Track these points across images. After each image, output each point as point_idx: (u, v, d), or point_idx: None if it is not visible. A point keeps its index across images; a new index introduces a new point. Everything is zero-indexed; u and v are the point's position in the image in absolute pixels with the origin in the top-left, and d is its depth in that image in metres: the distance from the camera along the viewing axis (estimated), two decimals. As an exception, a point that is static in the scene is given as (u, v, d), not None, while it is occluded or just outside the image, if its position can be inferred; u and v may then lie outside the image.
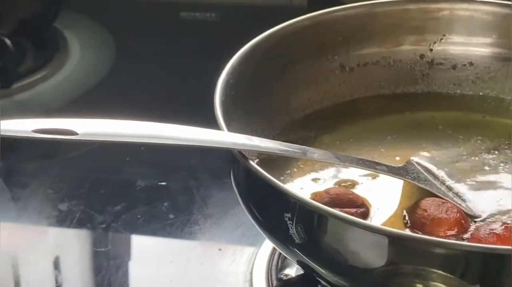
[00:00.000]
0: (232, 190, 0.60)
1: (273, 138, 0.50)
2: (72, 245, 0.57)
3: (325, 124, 0.54)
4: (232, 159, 0.44)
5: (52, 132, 0.39)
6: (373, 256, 0.39)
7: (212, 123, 0.44)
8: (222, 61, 0.50)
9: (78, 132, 0.39)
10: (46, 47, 0.81)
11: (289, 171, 0.49)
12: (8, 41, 0.72)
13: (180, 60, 0.79)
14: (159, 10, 0.90)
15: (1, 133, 0.38)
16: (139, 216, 0.58)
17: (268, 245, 0.54)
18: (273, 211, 0.42)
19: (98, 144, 0.64)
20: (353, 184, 0.48)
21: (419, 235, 0.42)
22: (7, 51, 0.73)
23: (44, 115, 0.68)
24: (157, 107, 0.66)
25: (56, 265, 0.55)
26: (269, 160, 0.47)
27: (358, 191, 0.47)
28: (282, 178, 0.48)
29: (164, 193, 0.61)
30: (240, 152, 0.42)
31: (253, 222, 0.45)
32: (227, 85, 0.48)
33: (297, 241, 0.41)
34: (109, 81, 0.77)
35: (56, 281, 0.54)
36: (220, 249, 0.56)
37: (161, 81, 0.76)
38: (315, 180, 0.49)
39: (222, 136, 0.43)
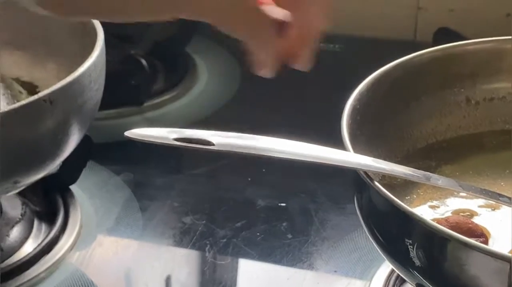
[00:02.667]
0: (350, 215, 0.61)
1: (396, 164, 0.51)
2: (193, 256, 0.59)
3: (447, 155, 0.55)
4: (356, 180, 0.46)
5: (191, 141, 0.41)
6: (494, 282, 0.39)
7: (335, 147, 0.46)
8: (343, 90, 0.51)
9: (214, 142, 0.42)
10: (176, 69, 0.85)
11: (408, 197, 0.50)
12: (144, 62, 0.76)
13: (303, 88, 0.81)
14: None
15: (145, 139, 0.41)
16: (258, 233, 0.60)
17: (384, 270, 0.55)
18: (395, 233, 0.43)
19: (222, 163, 0.68)
20: (472, 214, 0.49)
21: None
22: (142, 71, 0.77)
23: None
24: (280, 130, 0.68)
25: (174, 278, 0.58)
26: (389, 185, 0.48)
27: (476, 221, 0.47)
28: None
29: (283, 214, 0.62)
30: (366, 173, 0.44)
31: (374, 243, 0.46)
32: (354, 110, 0.50)
33: (417, 264, 0.42)
34: (234, 105, 0.80)
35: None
36: (335, 271, 0.57)
37: (284, 107, 0.78)
38: (433, 207, 0.49)
39: (349, 157, 0.44)
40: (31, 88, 0.62)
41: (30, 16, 0.63)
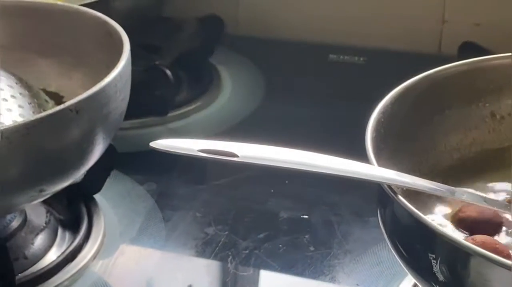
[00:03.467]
0: (373, 228, 0.61)
1: (420, 178, 0.51)
2: (215, 267, 0.59)
3: (471, 169, 0.55)
4: (380, 193, 0.46)
5: (215, 153, 0.41)
6: (519, 299, 0.39)
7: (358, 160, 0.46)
8: (367, 103, 0.51)
9: (239, 154, 0.42)
10: (201, 80, 0.85)
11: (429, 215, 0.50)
12: (168, 72, 0.77)
13: (327, 101, 0.82)
14: (308, 51, 0.93)
15: (170, 150, 0.41)
16: (280, 245, 0.60)
17: (407, 284, 0.55)
18: (419, 247, 0.43)
19: (245, 175, 0.68)
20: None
21: None
22: (167, 82, 0.77)
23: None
24: (304, 142, 0.68)
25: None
26: (412, 200, 0.48)
27: (501, 239, 0.47)
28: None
29: (306, 226, 0.62)
30: (389, 186, 0.44)
31: (396, 257, 0.46)
32: (378, 123, 0.50)
33: (441, 278, 0.41)
34: (257, 116, 0.80)
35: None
36: (358, 285, 0.57)
37: (308, 119, 0.78)
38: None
39: (373, 170, 0.44)
40: (57, 98, 0.63)
41: (57, 26, 0.64)
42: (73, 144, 0.51)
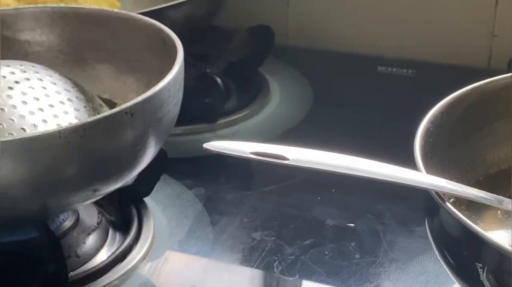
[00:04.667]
0: (419, 238, 0.61)
1: (467, 188, 0.51)
2: (261, 272, 0.60)
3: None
4: (428, 201, 0.46)
5: (267, 156, 0.42)
6: None
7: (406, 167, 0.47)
8: (415, 115, 0.52)
9: (290, 157, 0.43)
10: (250, 89, 0.86)
11: (480, 221, 0.50)
12: (219, 80, 0.78)
13: (376, 111, 0.82)
14: (357, 63, 0.94)
15: (222, 151, 0.42)
16: (326, 252, 0.61)
17: (452, 294, 0.55)
18: (467, 256, 0.43)
19: (292, 181, 0.69)
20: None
21: None
22: (217, 90, 0.78)
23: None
24: (352, 152, 0.69)
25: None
26: (460, 209, 0.48)
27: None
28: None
29: (352, 234, 0.63)
30: (437, 194, 0.44)
31: (444, 265, 0.46)
32: (427, 132, 0.50)
33: None
34: (305, 126, 0.81)
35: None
36: (403, 293, 0.57)
37: (356, 129, 0.79)
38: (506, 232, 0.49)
39: (422, 177, 0.45)
40: (111, 104, 0.65)
41: (113, 32, 0.66)
42: (127, 146, 0.52)
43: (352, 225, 0.64)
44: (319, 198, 0.67)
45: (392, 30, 0.94)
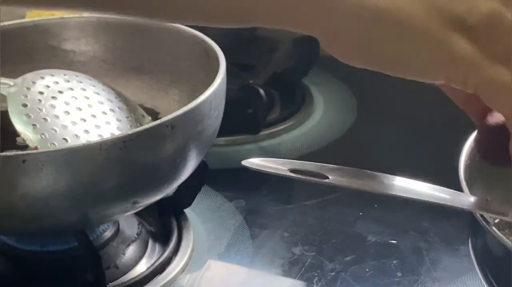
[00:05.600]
0: (463, 257, 0.60)
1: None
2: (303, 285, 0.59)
3: None
4: (472, 222, 0.45)
5: (306, 174, 0.42)
6: None
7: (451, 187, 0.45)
8: (462, 131, 0.51)
9: (330, 176, 0.42)
10: (293, 100, 0.86)
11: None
12: (261, 91, 0.78)
13: (421, 126, 0.81)
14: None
15: (261, 169, 0.41)
16: (367, 269, 0.60)
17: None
18: (510, 278, 0.42)
19: (334, 196, 0.68)
20: None
21: None
22: (260, 100, 0.78)
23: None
24: (395, 166, 0.68)
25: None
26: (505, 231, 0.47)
27: None
28: None
29: (394, 251, 0.62)
30: (482, 215, 0.43)
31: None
32: (473, 150, 0.49)
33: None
34: (349, 138, 0.80)
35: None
36: (445, 313, 0.56)
37: (401, 143, 0.78)
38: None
39: (465, 198, 0.44)
40: (153, 114, 0.65)
41: (156, 43, 0.66)
42: (167, 158, 0.52)
43: (395, 242, 0.63)
44: (361, 214, 0.66)
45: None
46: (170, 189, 0.56)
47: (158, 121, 0.51)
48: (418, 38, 0.37)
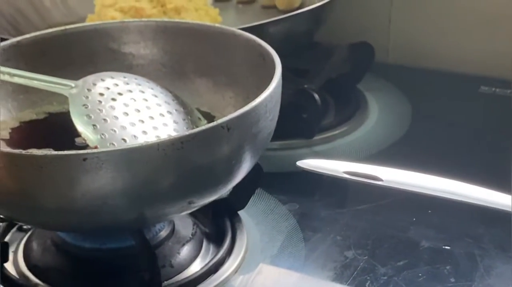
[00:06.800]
0: (518, 264, 0.59)
1: None
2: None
3: None
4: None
5: (360, 176, 0.42)
6: None
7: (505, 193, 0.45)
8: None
9: (383, 178, 0.42)
10: (347, 106, 0.86)
11: None
12: (316, 96, 0.78)
13: (474, 131, 0.80)
14: (458, 82, 0.92)
15: (316, 169, 0.42)
16: (420, 274, 0.60)
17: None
18: None
19: (387, 201, 0.68)
20: None
21: None
22: (314, 105, 0.78)
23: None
24: (449, 172, 0.67)
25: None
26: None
27: None
28: None
29: (447, 257, 0.62)
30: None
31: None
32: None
33: None
34: (403, 144, 0.80)
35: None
36: (498, 321, 0.55)
37: (455, 149, 0.77)
38: None
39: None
40: (209, 117, 0.66)
41: (214, 47, 0.67)
42: (222, 160, 0.53)
43: (448, 247, 0.63)
44: (414, 219, 0.66)
45: (495, 50, 0.92)
46: (224, 190, 0.56)
47: (214, 123, 0.51)
48: None
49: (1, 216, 0.57)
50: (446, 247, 0.63)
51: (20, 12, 0.87)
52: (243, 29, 0.66)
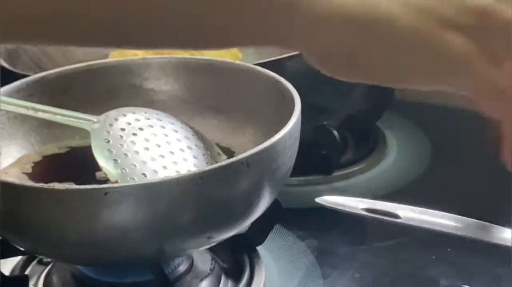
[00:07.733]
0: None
1: None
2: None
3: None
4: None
5: (379, 213, 0.42)
6: None
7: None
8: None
9: (402, 216, 0.42)
10: (367, 142, 0.86)
11: None
12: (335, 133, 0.79)
13: (495, 170, 0.80)
14: (478, 119, 0.91)
15: (334, 206, 0.42)
16: (439, 313, 0.60)
17: None
18: None
19: (406, 239, 0.68)
20: None
21: None
22: (334, 142, 0.79)
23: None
24: (469, 211, 0.67)
25: None
26: None
27: None
28: None
29: (466, 296, 0.61)
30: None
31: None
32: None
33: None
34: (422, 182, 0.79)
35: None
36: None
37: (474, 188, 0.77)
38: None
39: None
40: (229, 153, 0.66)
41: (233, 83, 0.68)
42: (241, 195, 0.53)
43: (467, 286, 0.62)
44: (433, 257, 0.66)
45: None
46: (243, 226, 0.57)
47: (233, 159, 0.52)
48: (416, 45, 0.37)
49: (22, 249, 0.58)
50: (465, 286, 0.62)
51: (43, 50, 0.88)
52: (262, 63, 0.67)
